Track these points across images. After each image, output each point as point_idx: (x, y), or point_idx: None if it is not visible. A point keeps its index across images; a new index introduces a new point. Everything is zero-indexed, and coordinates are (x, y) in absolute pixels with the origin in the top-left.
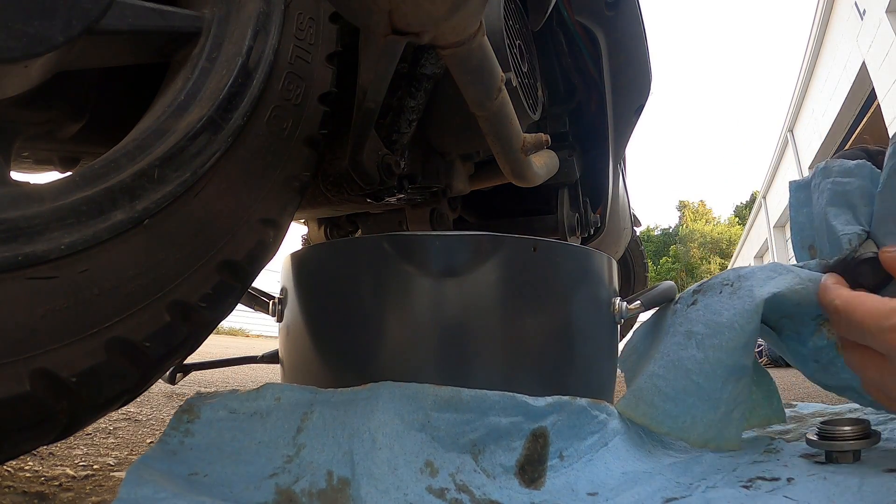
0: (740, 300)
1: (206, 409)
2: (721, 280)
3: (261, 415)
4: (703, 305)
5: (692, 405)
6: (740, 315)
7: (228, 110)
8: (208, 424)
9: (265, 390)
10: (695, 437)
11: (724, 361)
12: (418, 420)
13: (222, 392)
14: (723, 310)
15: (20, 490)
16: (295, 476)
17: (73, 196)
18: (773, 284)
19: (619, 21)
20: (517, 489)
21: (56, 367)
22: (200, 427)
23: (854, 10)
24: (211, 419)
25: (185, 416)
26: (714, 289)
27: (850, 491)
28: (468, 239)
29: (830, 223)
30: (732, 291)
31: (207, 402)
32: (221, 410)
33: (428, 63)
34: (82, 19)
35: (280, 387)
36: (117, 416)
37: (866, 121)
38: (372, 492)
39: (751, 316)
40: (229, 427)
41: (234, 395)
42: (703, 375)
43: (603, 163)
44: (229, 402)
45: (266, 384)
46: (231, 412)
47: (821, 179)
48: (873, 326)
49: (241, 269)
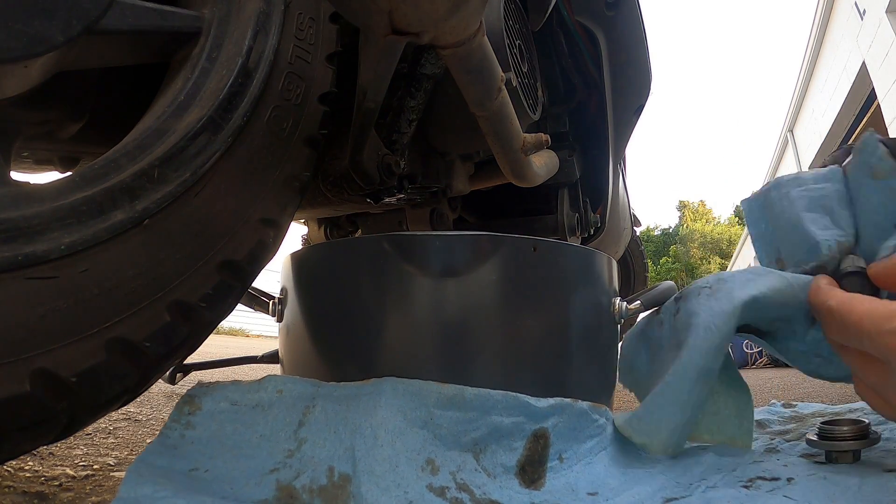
0: (717, 301)
1: (208, 401)
2: (700, 284)
3: (262, 407)
4: (684, 311)
5: (659, 406)
6: (716, 316)
7: (228, 110)
8: (210, 416)
9: (267, 382)
10: (657, 444)
11: (695, 362)
12: (421, 417)
13: (224, 382)
14: (700, 310)
15: (20, 490)
16: (296, 471)
17: (73, 196)
18: (754, 286)
19: (619, 21)
20: (517, 489)
21: (56, 367)
22: (202, 419)
23: (854, 10)
24: (212, 411)
25: (186, 407)
26: (693, 293)
27: (850, 491)
28: (468, 239)
29: (807, 229)
30: (710, 293)
31: (209, 393)
32: (223, 402)
33: (428, 63)
34: (82, 19)
35: (282, 379)
36: (117, 416)
37: (866, 121)
38: (373, 489)
39: (727, 317)
40: (231, 419)
41: (235, 387)
42: (674, 375)
43: (603, 163)
44: (231, 394)
45: (268, 376)
46: (233, 404)
47: (787, 190)
48: (871, 329)
49: (241, 269)
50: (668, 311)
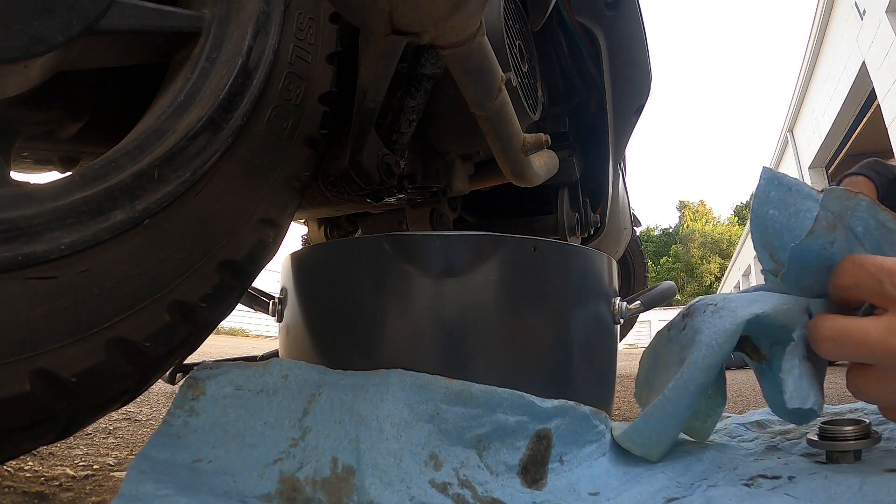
0: (721, 319)
1: (212, 385)
2: (707, 302)
3: (267, 393)
4: (690, 327)
5: (659, 419)
6: (719, 334)
7: (228, 110)
8: (213, 402)
9: (272, 366)
10: (656, 455)
11: (696, 379)
12: (427, 411)
13: (229, 364)
14: (703, 328)
15: (20, 490)
16: (299, 462)
17: (73, 196)
18: (758, 306)
19: (619, 21)
20: (519, 488)
21: (56, 367)
22: (206, 405)
23: (854, 10)
24: (216, 396)
25: (190, 392)
26: (699, 310)
27: (850, 490)
28: (468, 239)
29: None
30: (715, 311)
31: (214, 376)
32: (227, 386)
33: (428, 63)
34: (82, 19)
35: (288, 363)
36: (117, 416)
37: (866, 121)
38: (376, 483)
39: (729, 336)
40: (234, 405)
41: (240, 370)
42: (673, 390)
43: (603, 163)
44: (236, 378)
45: (273, 360)
46: (237, 388)
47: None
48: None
49: (241, 269)
50: (676, 326)
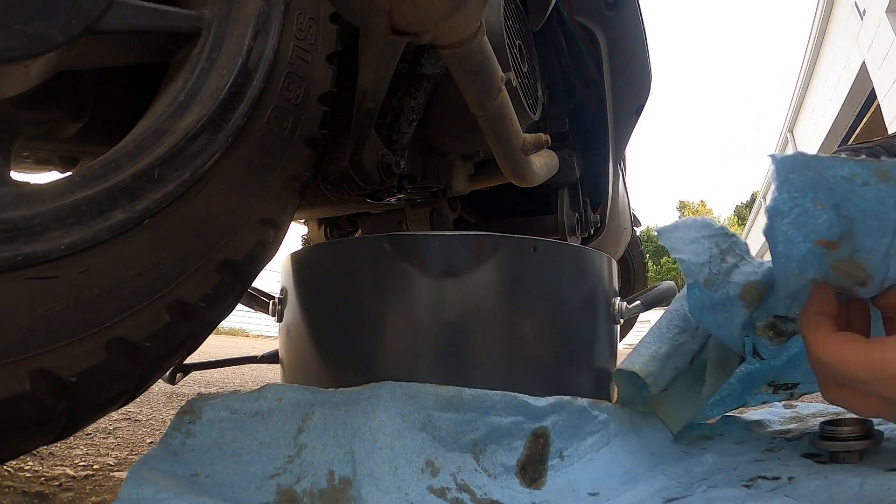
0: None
1: (208, 410)
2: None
3: (262, 415)
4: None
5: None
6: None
7: (228, 110)
8: (210, 425)
9: (266, 391)
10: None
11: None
12: (419, 419)
13: (223, 393)
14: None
15: (20, 490)
16: (296, 476)
17: (73, 196)
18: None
19: (618, 21)
20: (518, 489)
21: (56, 367)
22: (202, 427)
23: (854, 10)
24: (212, 419)
25: (186, 416)
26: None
27: (850, 490)
28: (468, 239)
29: None
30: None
31: (209, 402)
32: (223, 411)
33: (428, 63)
34: (82, 19)
35: (281, 387)
36: (117, 416)
37: (866, 121)
38: (373, 492)
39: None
40: (230, 427)
41: (235, 396)
42: (664, 319)
43: (603, 163)
44: (231, 403)
45: (267, 385)
46: (232, 412)
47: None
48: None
49: (241, 269)
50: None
